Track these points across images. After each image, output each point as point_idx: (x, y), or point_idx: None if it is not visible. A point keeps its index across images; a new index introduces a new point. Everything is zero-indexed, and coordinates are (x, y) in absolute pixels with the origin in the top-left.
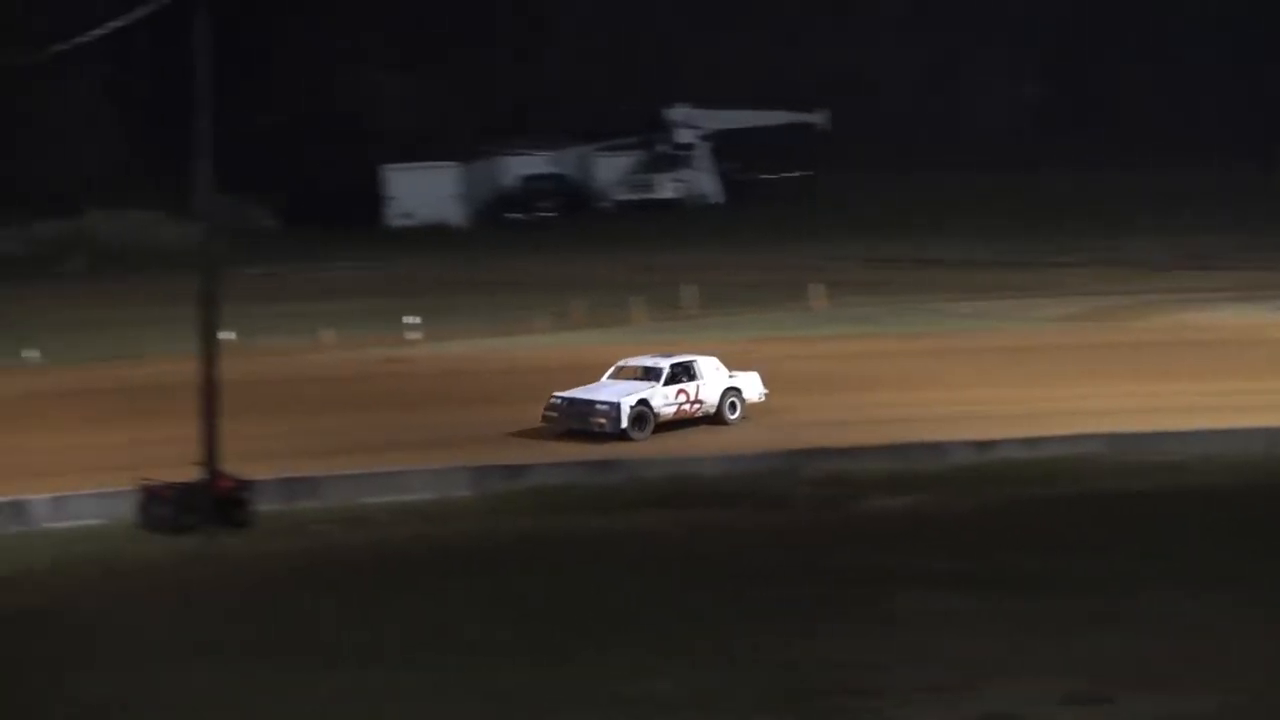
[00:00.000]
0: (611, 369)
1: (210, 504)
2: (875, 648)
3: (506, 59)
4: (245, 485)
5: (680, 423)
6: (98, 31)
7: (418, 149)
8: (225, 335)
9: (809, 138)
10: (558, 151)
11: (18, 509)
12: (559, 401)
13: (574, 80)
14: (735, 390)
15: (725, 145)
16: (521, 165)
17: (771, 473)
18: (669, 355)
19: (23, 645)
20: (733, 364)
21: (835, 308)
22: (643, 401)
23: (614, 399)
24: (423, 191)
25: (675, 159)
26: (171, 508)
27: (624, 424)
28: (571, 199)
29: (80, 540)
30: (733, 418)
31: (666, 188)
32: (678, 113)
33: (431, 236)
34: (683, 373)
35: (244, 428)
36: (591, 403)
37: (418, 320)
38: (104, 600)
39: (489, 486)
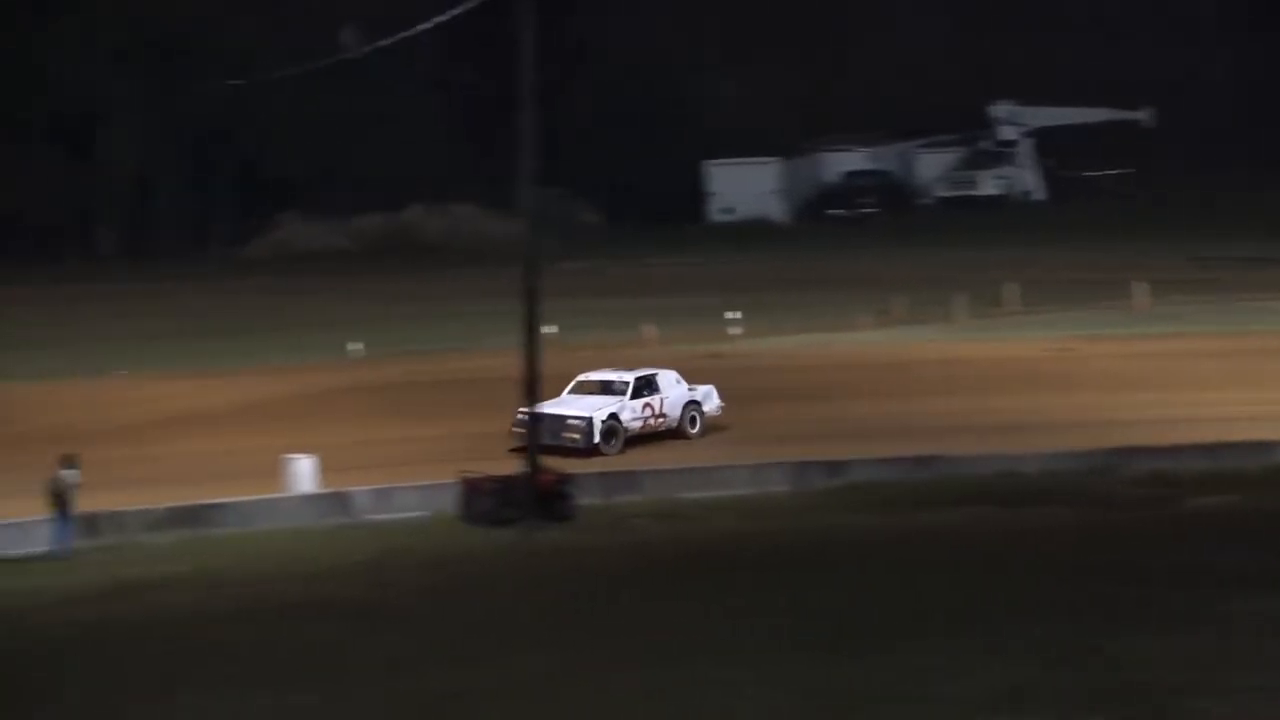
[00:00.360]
0: (572, 384)
1: (532, 497)
2: (1197, 647)
3: (830, 55)
4: (566, 479)
5: (643, 437)
6: (422, 26)
7: (740, 144)
8: (548, 330)
9: (1133, 135)
10: (879, 147)
11: (341, 501)
12: (526, 417)
13: (897, 76)
14: (695, 404)
15: (1048, 142)
16: (843, 161)
17: (1091, 470)
18: (631, 369)
19: (351, 636)
20: (1055, 362)
21: (1158, 306)
22: (613, 416)
23: (586, 414)
24: (745, 187)
25: (998, 155)
26: (493, 501)
27: (596, 439)
28: (893, 195)
29: (402, 532)
30: (693, 431)
31: (989, 184)
32: (1001, 109)
33: (753, 232)
34: (645, 386)
35: None
36: (562, 418)
37: (739, 316)
38: (426, 592)
39: (808, 482)
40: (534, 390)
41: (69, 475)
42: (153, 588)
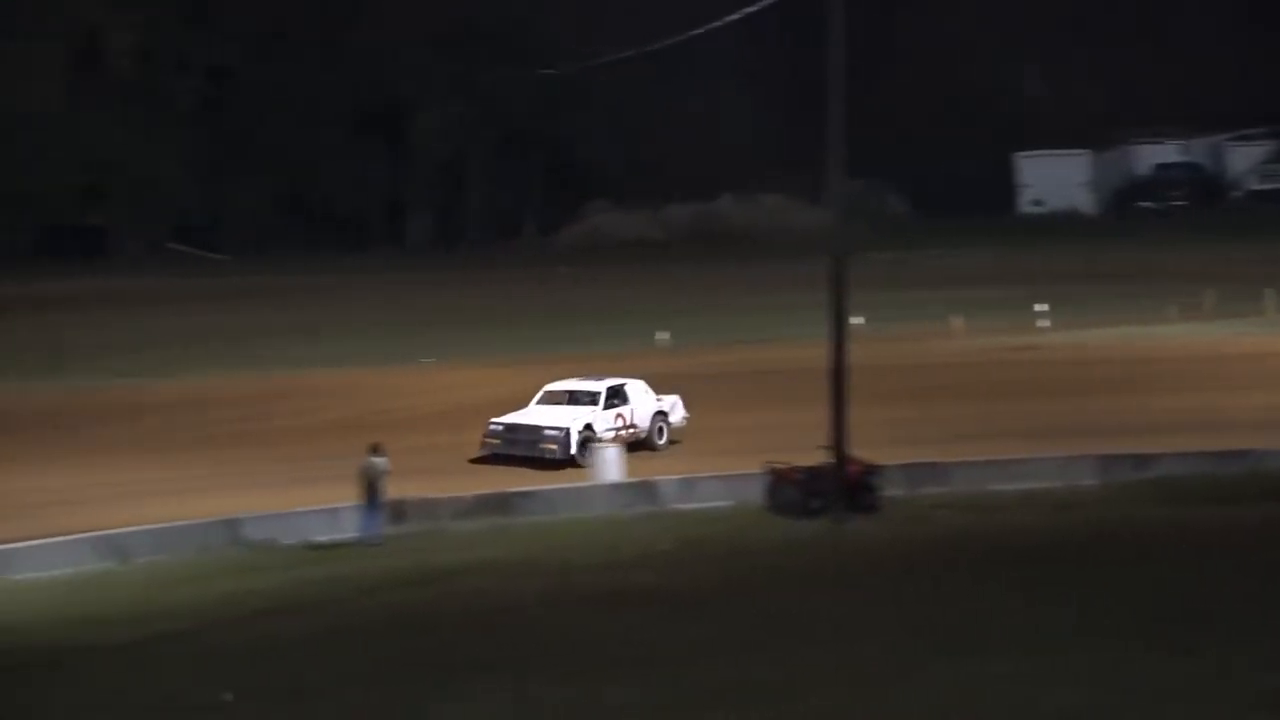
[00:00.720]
0: (540, 393)
1: (838, 488)
2: None
3: (1141, 46)
4: (873, 470)
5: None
6: (732, 16)
7: (1051, 136)
8: (855, 320)
9: None
10: (1190, 140)
11: (647, 489)
12: (499, 428)
13: (1208, 69)
14: (663, 414)
15: None
16: (1154, 154)
17: None
18: (600, 378)
19: (654, 625)
20: None
21: None
22: (588, 426)
23: (563, 424)
24: (1055, 179)
25: None
26: (799, 491)
27: (573, 450)
28: (1203, 188)
29: (706, 522)
30: (660, 443)
31: None
32: None
33: (1062, 224)
34: (615, 396)
35: (871, 413)
36: (539, 429)
37: (1047, 308)
38: (729, 582)
39: (1115, 475)
40: (840, 381)
41: (379, 463)
42: (461, 574)
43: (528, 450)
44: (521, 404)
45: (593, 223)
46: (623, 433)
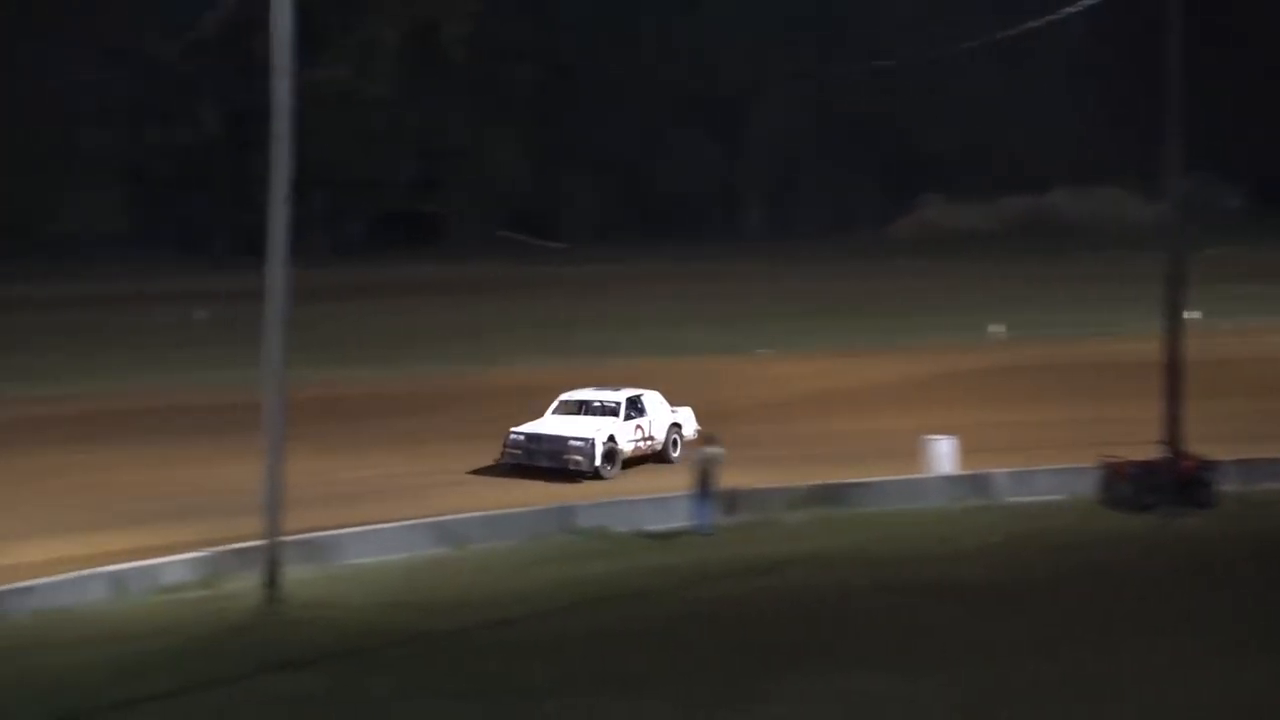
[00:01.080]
0: (555, 403)
1: (1173, 483)
2: None
3: None
4: (1208, 465)
5: (634, 461)
6: (1072, 8)
7: None
8: (1191, 314)
9: None
10: None
11: (981, 482)
12: (520, 438)
13: None
14: (677, 426)
15: None
16: None
17: None
18: (617, 389)
19: (978, 619)
20: None
21: None
22: (611, 438)
23: (588, 435)
24: None
25: None
26: (1133, 486)
27: (597, 461)
28: None
29: (1039, 515)
30: (675, 455)
31: None
32: None
33: None
34: (632, 407)
35: (1207, 407)
36: (563, 439)
37: None
38: (1058, 576)
39: None
40: (1176, 377)
41: (713, 452)
42: (789, 565)
43: (551, 461)
44: (851, 396)
45: (926, 215)
46: (641, 444)
